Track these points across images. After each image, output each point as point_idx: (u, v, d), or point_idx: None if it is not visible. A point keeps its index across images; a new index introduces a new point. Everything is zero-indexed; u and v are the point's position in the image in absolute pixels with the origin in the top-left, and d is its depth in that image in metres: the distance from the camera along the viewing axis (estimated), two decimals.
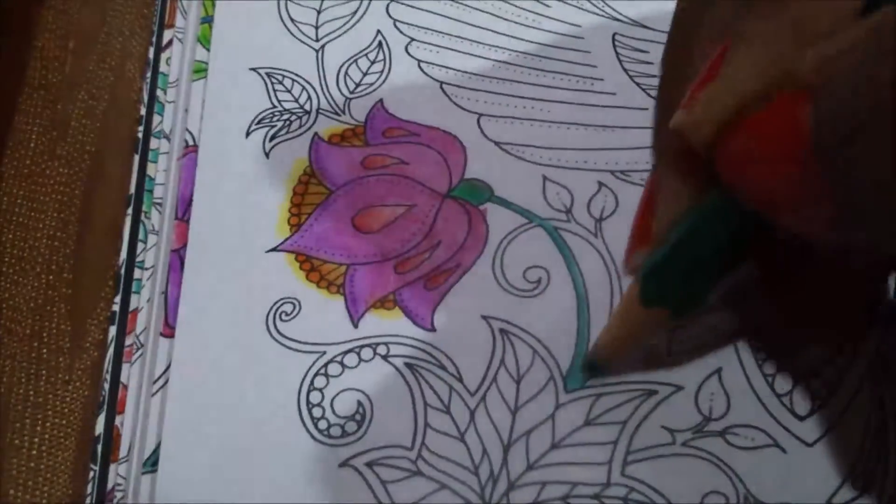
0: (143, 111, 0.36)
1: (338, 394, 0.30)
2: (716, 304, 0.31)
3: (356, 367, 0.30)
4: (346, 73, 0.35)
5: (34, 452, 0.32)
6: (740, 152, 0.22)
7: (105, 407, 0.31)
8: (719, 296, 0.30)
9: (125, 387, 0.31)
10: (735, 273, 0.27)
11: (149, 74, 0.37)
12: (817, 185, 0.20)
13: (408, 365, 0.30)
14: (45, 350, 0.33)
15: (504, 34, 0.36)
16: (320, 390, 0.30)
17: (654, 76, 0.35)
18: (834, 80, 0.19)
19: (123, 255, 0.34)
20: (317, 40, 0.36)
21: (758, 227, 0.25)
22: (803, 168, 0.20)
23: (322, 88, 0.35)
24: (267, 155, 0.34)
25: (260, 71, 0.35)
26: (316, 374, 0.30)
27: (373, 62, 0.36)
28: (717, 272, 0.27)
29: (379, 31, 0.36)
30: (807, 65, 0.20)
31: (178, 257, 0.32)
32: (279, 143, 0.34)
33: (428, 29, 0.36)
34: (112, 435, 0.30)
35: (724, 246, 0.26)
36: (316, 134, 0.34)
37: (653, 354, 0.30)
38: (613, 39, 0.36)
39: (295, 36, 0.36)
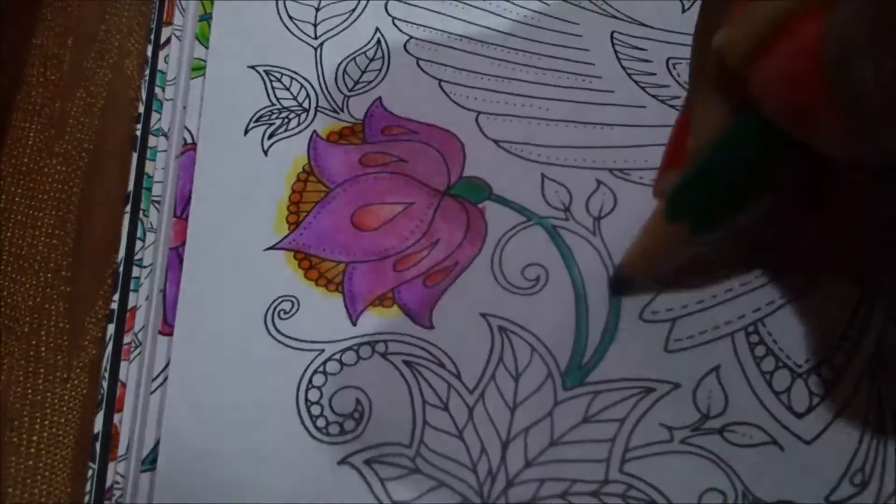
0: (141, 109, 0.36)
1: (336, 392, 0.30)
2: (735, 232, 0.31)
3: (355, 364, 0.30)
4: (345, 70, 0.35)
5: (32, 451, 0.32)
6: (770, 68, 0.23)
7: (104, 405, 0.31)
8: (739, 223, 0.30)
9: (124, 385, 0.31)
10: (758, 201, 0.27)
11: (147, 72, 0.37)
12: (830, 99, 0.21)
13: (406, 363, 0.30)
14: (43, 348, 0.33)
15: (502, 32, 0.36)
16: (319, 388, 0.30)
17: (652, 74, 0.35)
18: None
19: (122, 253, 0.34)
20: (315, 38, 0.36)
21: (783, 154, 0.25)
22: (820, 82, 0.21)
23: (320, 86, 0.35)
24: (265, 153, 0.34)
25: (258, 69, 0.35)
26: (314, 372, 0.30)
27: (371, 60, 0.36)
28: (740, 195, 0.27)
29: (377, 29, 0.36)
30: None
31: (176, 255, 0.32)
32: (278, 140, 0.34)
33: (426, 27, 0.36)
34: (111, 433, 0.30)
35: (749, 167, 0.26)
36: (314, 132, 0.34)
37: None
38: (612, 37, 0.36)
39: (293, 34, 0.36)
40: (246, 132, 0.34)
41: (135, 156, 0.35)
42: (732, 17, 0.24)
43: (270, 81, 0.35)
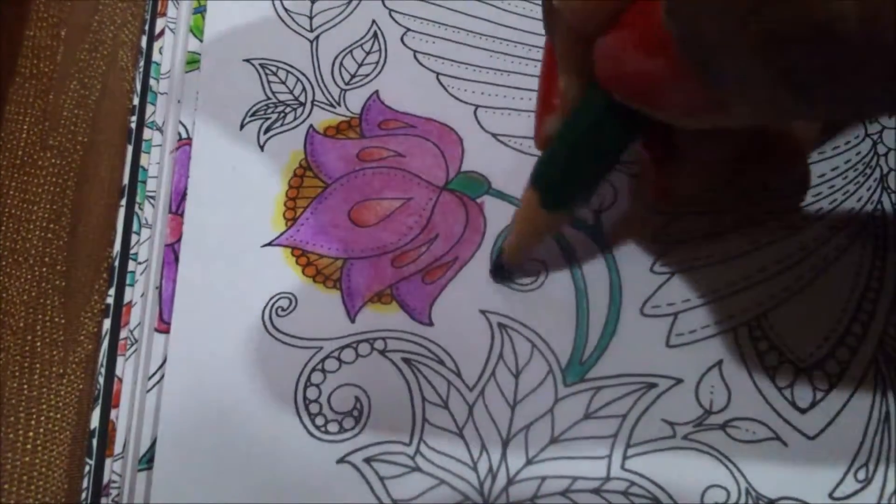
0: (136, 101, 0.36)
1: (335, 389, 0.29)
2: None
3: (353, 362, 0.30)
4: (342, 63, 0.35)
5: (29, 447, 0.31)
6: (615, 46, 0.23)
7: (100, 401, 0.31)
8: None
9: (120, 380, 0.31)
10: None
11: (142, 63, 0.36)
12: (680, 67, 0.21)
13: (405, 360, 0.30)
14: (38, 343, 0.33)
15: (501, 24, 0.36)
16: (317, 386, 0.29)
17: None
18: None
19: (117, 246, 0.33)
20: (311, 31, 0.36)
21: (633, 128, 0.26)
22: (667, 51, 0.21)
23: (317, 80, 0.35)
24: (262, 147, 0.33)
25: (254, 62, 0.35)
26: (313, 370, 0.30)
27: (368, 53, 0.35)
28: (592, 170, 0.28)
29: (374, 22, 0.36)
30: None
31: (172, 251, 0.31)
32: (274, 135, 0.33)
33: (423, 19, 0.36)
34: (107, 429, 0.30)
35: (598, 145, 0.27)
36: (311, 126, 0.34)
37: None
38: None
39: (289, 26, 0.36)
40: (242, 127, 0.34)
41: (130, 148, 0.35)
42: None
43: (266, 75, 0.35)
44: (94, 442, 0.30)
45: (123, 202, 0.34)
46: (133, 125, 0.35)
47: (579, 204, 0.28)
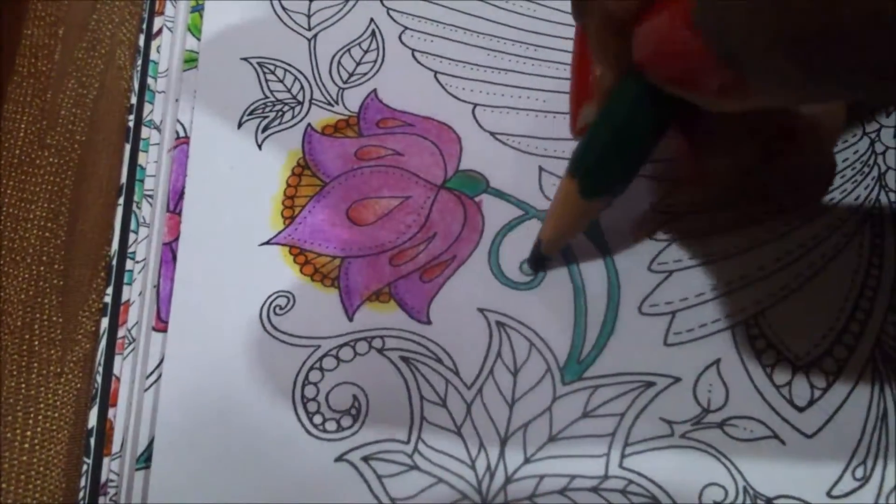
0: (133, 100, 0.36)
1: (333, 388, 0.29)
2: None
3: (351, 360, 0.30)
4: (340, 62, 0.35)
5: (26, 446, 0.31)
6: (652, 30, 0.24)
7: (98, 400, 0.31)
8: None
9: (118, 379, 0.31)
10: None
11: (139, 62, 0.36)
12: (707, 54, 0.22)
13: (403, 358, 0.30)
14: (36, 342, 0.33)
15: (499, 23, 0.36)
16: (315, 384, 0.29)
17: None
18: None
19: (115, 245, 0.33)
20: (309, 29, 0.36)
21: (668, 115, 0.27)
22: (695, 39, 0.22)
23: (315, 78, 0.35)
24: (259, 146, 0.33)
25: (251, 61, 0.35)
26: (311, 369, 0.30)
27: (366, 51, 0.35)
28: (630, 157, 0.28)
29: (372, 20, 0.36)
30: None
31: (170, 250, 0.31)
32: (272, 134, 0.33)
33: (422, 17, 0.36)
34: (105, 428, 0.30)
35: (634, 133, 0.27)
36: (309, 125, 0.34)
37: None
38: None
39: (287, 25, 0.36)
40: (239, 125, 0.33)
41: (128, 147, 0.35)
42: None
43: (264, 73, 0.35)
44: (92, 441, 0.30)
45: (121, 201, 0.34)
46: (131, 124, 0.35)
47: (618, 190, 0.28)
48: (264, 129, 0.33)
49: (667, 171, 0.33)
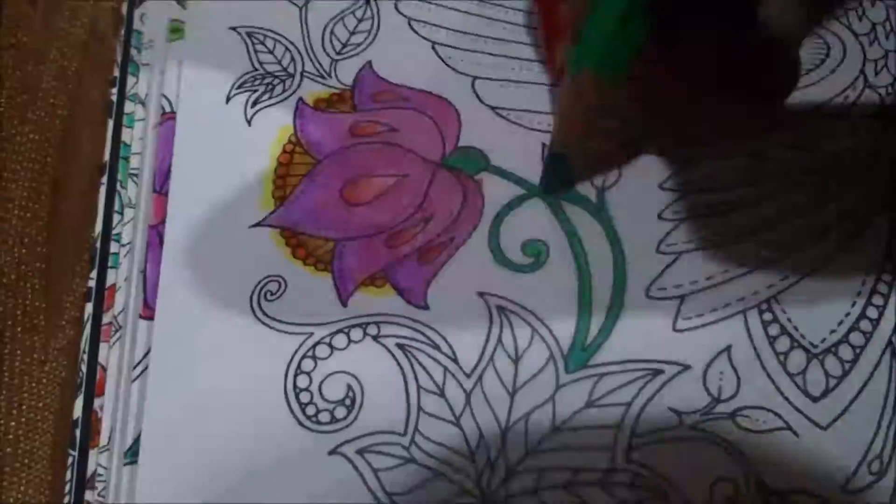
0: (116, 72, 0.35)
1: (326, 377, 0.29)
2: None
3: (345, 348, 0.29)
4: (332, 32, 0.34)
5: (10, 437, 0.31)
6: None
7: (83, 389, 0.30)
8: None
9: (104, 368, 0.30)
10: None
11: (123, 32, 0.35)
12: None
13: (399, 345, 0.29)
14: (18, 329, 0.32)
15: None
16: (308, 374, 0.29)
17: None
18: None
19: (99, 227, 0.32)
20: None
21: None
22: None
23: (306, 49, 0.34)
24: (249, 122, 0.32)
25: (240, 31, 0.34)
26: (303, 357, 0.29)
27: (360, 20, 0.34)
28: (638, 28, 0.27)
29: None
30: None
31: (156, 233, 0.31)
32: (262, 108, 0.33)
33: None
34: (90, 419, 0.30)
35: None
36: (300, 99, 0.33)
37: None
38: None
39: None
40: (228, 100, 0.33)
41: (111, 123, 0.34)
42: None
43: (253, 44, 0.34)
44: (78, 433, 0.30)
45: (104, 180, 0.33)
46: (114, 98, 0.34)
47: (633, 65, 0.28)
48: (254, 104, 0.33)
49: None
